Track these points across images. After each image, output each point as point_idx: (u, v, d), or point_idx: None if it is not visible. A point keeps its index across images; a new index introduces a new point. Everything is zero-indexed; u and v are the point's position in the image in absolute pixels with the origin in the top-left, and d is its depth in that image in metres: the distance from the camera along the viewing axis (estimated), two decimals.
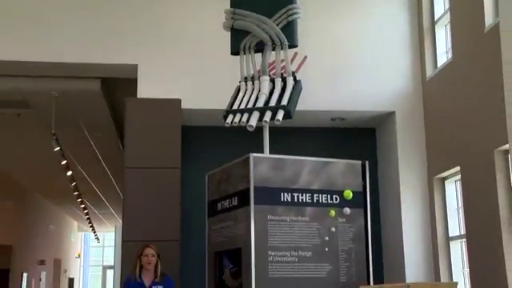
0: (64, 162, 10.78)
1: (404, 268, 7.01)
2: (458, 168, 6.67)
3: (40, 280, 19.75)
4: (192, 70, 7.14)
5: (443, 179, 7.17)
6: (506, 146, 5.51)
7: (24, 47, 7.02)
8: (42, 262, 19.51)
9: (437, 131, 7.18)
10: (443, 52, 7.33)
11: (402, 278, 6.91)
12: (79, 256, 28.30)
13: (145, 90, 7.04)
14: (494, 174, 5.82)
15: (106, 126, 9.65)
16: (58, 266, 22.34)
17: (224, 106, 5.95)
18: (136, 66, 7.09)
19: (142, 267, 5.59)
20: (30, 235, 17.73)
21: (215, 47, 6.72)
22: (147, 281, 5.56)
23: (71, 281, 25.88)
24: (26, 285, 17.66)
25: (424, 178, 7.28)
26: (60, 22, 7.13)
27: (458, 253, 6.92)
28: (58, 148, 9.81)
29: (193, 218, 6.81)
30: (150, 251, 5.59)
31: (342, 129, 7.82)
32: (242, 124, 5.67)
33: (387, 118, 7.54)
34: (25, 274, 17.51)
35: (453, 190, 7.10)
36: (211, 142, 7.50)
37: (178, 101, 7.00)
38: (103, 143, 10.86)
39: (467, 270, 6.61)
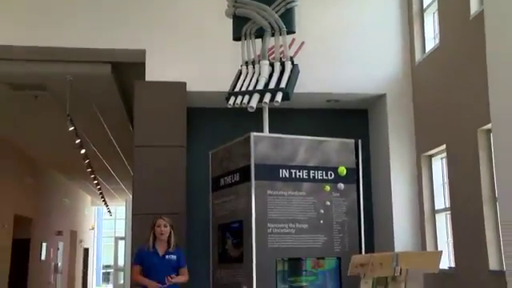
0: (78, 141, 10.75)
1: (393, 238, 7.04)
2: (443, 146, 6.66)
3: (58, 249, 19.87)
4: (196, 55, 7.10)
5: (430, 156, 7.17)
6: (489, 126, 5.49)
7: (41, 34, 6.98)
8: (60, 233, 19.60)
9: (425, 112, 7.16)
10: (431, 38, 7.28)
11: (392, 247, 6.94)
12: (93, 228, 28.40)
13: (152, 74, 7.01)
14: (477, 152, 5.82)
15: (117, 107, 9.61)
16: (74, 237, 22.45)
17: (226, 88, 5.92)
18: (144, 51, 7.05)
19: (155, 238, 5.47)
20: (48, 208, 17.79)
21: (218, 33, 6.67)
22: (161, 250, 5.45)
23: (86, 250, 26.04)
24: (45, 253, 17.79)
25: (412, 155, 7.28)
26: (73, 11, 7.10)
27: (443, 224, 6.94)
28: (73, 128, 9.79)
29: (197, 192, 6.80)
30: (162, 222, 5.46)
31: (337, 110, 7.79)
32: (243, 105, 5.65)
33: (379, 99, 7.51)
34: (44, 244, 17.61)
35: (439, 167, 7.10)
36: (214, 122, 7.47)
37: (184, 84, 6.96)
38: (114, 123, 10.83)
39: (451, 240, 6.63)
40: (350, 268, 4.34)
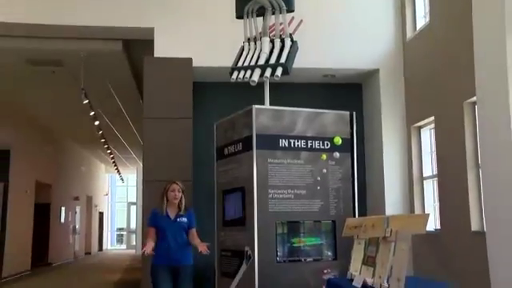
0: (92, 114, 10.77)
1: (384, 203, 7.09)
2: (432, 118, 6.65)
3: (75, 213, 20.06)
4: (202, 33, 7.05)
5: (419, 128, 7.16)
6: (474, 99, 5.48)
7: (57, 13, 6.95)
8: (76, 198, 19.76)
9: (415, 86, 7.12)
10: (422, 16, 7.20)
11: (383, 211, 6.99)
12: (107, 194, 28.60)
13: (161, 50, 6.97)
14: (463, 123, 5.81)
15: (128, 81, 9.59)
16: (89, 202, 22.63)
17: (230, 63, 5.88)
18: (153, 29, 7.01)
19: (167, 202, 5.32)
20: (66, 176, 17.90)
21: (222, 12, 6.60)
22: (172, 214, 5.34)
23: (101, 214, 26.29)
24: (64, 216, 17.98)
25: (403, 126, 7.27)
26: None
27: (430, 190, 6.98)
28: (87, 101, 9.78)
29: (203, 161, 6.81)
30: (176, 187, 5.32)
31: (333, 84, 7.76)
32: (245, 79, 5.62)
33: (372, 74, 7.47)
34: (63, 208, 17.79)
35: (427, 137, 7.11)
36: (219, 95, 7.45)
37: (190, 59, 6.92)
38: (125, 96, 10.81)
39: (437, 204, 6.67)
40: (345, 230, 4.36)
